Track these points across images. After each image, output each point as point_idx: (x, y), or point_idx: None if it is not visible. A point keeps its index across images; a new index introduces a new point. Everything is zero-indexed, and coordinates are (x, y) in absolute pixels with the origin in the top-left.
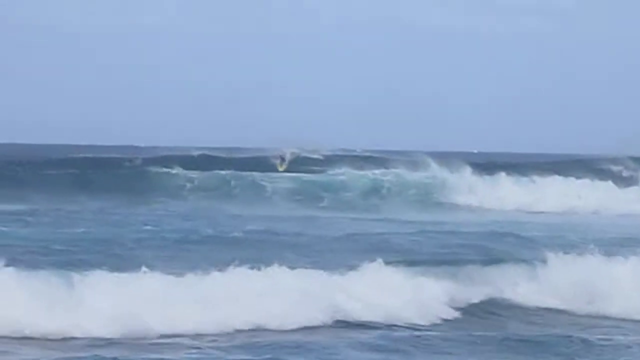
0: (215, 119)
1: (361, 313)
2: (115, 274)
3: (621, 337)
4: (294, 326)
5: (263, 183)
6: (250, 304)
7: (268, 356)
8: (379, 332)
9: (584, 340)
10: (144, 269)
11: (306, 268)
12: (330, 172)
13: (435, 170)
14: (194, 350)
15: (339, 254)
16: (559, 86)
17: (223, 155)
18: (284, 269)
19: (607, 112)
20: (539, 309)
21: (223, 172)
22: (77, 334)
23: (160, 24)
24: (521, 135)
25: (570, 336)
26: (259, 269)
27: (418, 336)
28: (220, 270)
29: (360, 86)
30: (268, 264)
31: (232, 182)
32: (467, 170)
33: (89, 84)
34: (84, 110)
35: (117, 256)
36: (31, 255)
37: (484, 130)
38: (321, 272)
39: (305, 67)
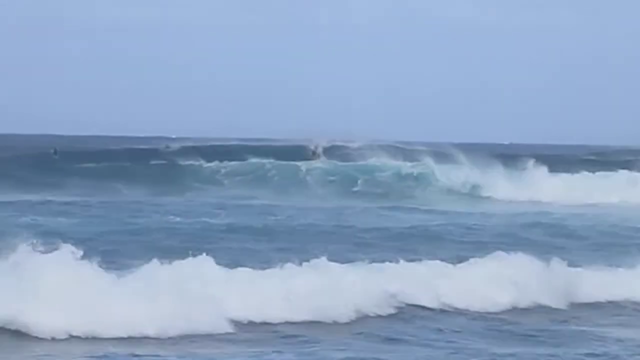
0: (238, 112)
1: (419, 300)
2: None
3: None
4: (350, 319)
5: (299, 172)
6: (301, 299)
7: (342, 348)
8: (433, 321)
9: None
10: (198, 263)
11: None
12: (364, 161)
13: (465, 162)
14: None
15: (394, 242)
16: (588, 78)
17: (256, 145)
18: (334, 263)
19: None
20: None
21: (258, 161)
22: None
23: (186, 16)
24: (549, 127)
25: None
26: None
27: (440, 330)
28: (269, 263)
29: (387, 78)
30: (314, 256)
31: (269, 172)
32: (499, 162)
33: (115, 78)
34: (111, 103)
35: (155, 248)
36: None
37: (514, 122)
38: (372, 263)
39: (330, 60)
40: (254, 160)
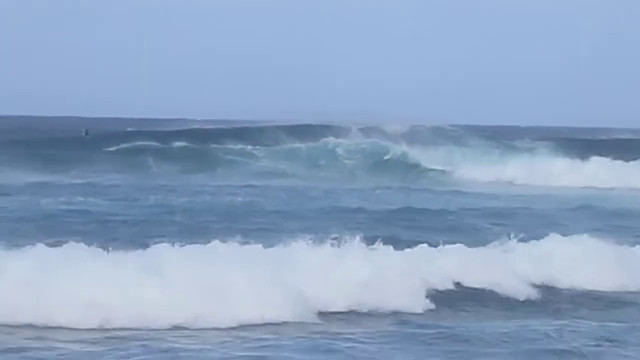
0: (260, 94)
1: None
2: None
3: None
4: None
5: (337, 153)
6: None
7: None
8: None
9: None
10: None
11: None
12: (398, 145)
13: (491, 146)
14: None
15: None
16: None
17: (282, 125)
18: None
19: None
20: None
21: (295, 145)
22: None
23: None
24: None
25: None
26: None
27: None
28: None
29: (420, 63)
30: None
31: (298, 149)
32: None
33: (131, 62)
34: (123, 86)
35: (188, 227)
36: (97, 227)
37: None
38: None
39: (370, 43)
40: (281, 139)
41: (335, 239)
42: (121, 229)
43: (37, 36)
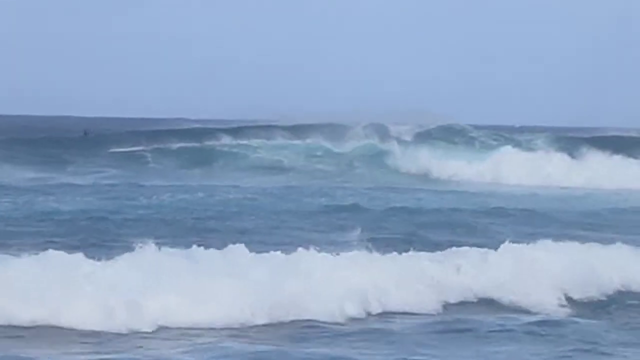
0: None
1: None
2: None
3: None
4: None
5: (335, 152)
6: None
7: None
8: None
9: None
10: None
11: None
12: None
13: (490, 143)
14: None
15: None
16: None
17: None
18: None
19: None
20: None
21: (294, 142)
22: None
23: None
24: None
25: None
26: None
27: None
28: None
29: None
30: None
31: (302, 152)
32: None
33: (126, 59)
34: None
35: (185, 228)
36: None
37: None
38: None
39: (368, 44)
40: (281, 138)
41: (336, 243)
42: (117, 229)
43: (37, 35)
